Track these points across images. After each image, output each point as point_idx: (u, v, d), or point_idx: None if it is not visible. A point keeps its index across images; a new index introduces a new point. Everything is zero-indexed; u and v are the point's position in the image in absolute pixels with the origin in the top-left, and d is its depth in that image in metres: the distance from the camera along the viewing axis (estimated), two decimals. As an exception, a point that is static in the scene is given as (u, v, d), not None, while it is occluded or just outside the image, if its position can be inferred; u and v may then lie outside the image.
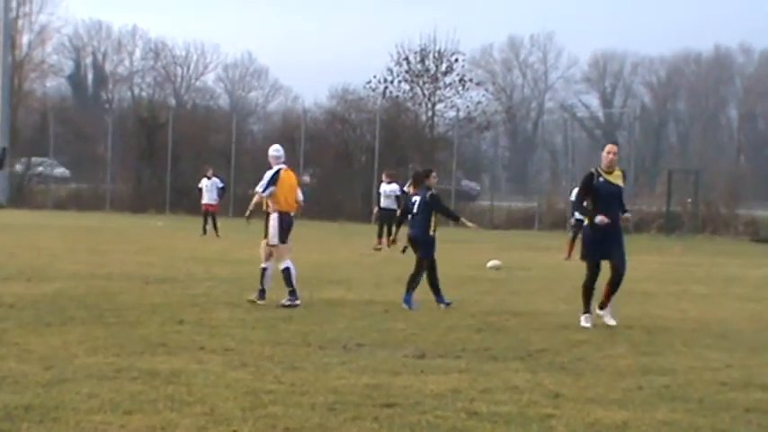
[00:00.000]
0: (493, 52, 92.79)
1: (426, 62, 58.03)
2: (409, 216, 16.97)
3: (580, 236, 15.81)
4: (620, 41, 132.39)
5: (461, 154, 53.67)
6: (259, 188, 16.55)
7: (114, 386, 9.35)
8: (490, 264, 24.67)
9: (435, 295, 16.71)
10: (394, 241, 18.01)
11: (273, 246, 16.38)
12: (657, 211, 49.10)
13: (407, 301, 16.28)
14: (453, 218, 17.59)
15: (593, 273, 14.71)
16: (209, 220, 35.52)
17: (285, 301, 15.92)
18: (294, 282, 16.07)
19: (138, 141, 59.22)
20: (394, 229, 18.16)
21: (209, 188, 36.59)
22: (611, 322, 14.64)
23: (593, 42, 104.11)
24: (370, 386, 9.70)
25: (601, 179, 14.56)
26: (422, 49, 57.95)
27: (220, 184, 37.20)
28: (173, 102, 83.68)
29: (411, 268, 16.70)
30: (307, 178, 36.70)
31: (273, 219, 16.35)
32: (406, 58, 57.94)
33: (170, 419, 8.25)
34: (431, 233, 16.72)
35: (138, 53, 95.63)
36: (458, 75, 58.08)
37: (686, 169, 54.11)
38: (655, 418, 8.79)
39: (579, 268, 25.76)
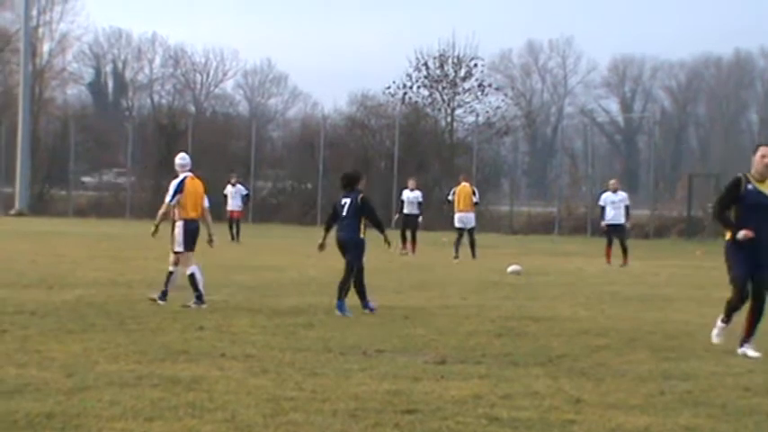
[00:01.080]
0: (512, 57, 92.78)
1: (445, 67, 58.08)
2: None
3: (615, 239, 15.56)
4: (640, 46, 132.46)
5: (481, 159, 53.67)
6: (167, 198, 16.88)
7: (136, 393, 9.37)
8: (510, 269, 24.64)
9: (361, 300, 16.28)
10: (322, 246, 16.84)
11: (178, 253, 16.71)
12: (678, 216, 49.03)
13: (340, 307, 15.80)
14: (379, 228, 16.51)
15: (740, 296, 12.67)
16: (234, 226, 35.90)
17: (192, 304, 16.22)
18: (200, 286, 16.38)
19: (157, 148, 59.36)
20: (323, 233, 16.91)
21: (233, 195, 37.08)
22: (754, 354, 12.51)
23: (613, 47, 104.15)
24: (390, 392, 9.69)
25: (750, 186, 12.42)
26: (441, 55, 58.02)
27: (245, 192, 37.64)
28: (192, 109, 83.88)
29: (430, 275, 16.68)
30: (233, 181, 37.25)
31: (178, 227, 16.74)
32: (425, 64, 58.00)
33: (191, 426, 8.26)
34: (361, 236, 16.33)
35: (157, 60, 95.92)
36: (477, 80, 58.16)
37: (707, 173, 53.99)
38: (677, 424, 8.75)
39: (600, 274, 25.74)
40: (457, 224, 30.68)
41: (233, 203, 36.97)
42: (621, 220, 29.08)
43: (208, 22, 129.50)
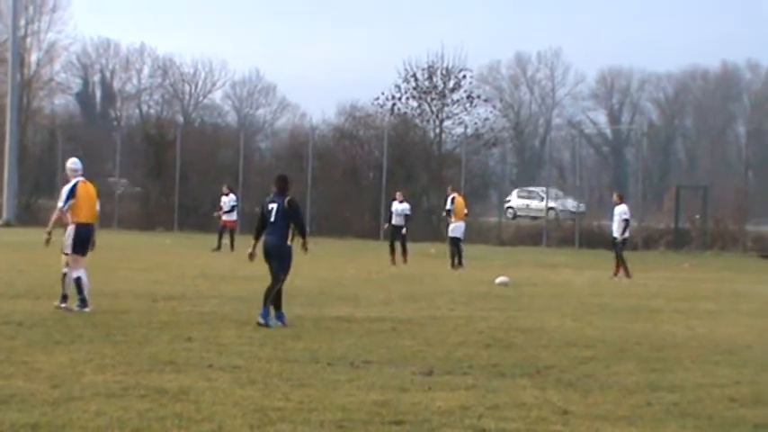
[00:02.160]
0: (500, 69, 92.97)
1: (434, 79, 58.11)
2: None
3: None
4: (628, 58, 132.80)
5: (469, 170, 53.68)
6: (60, 203, 17.02)
7: (122, 404, 9.35)
8: (498, 280, 24.65)
9: (264, 307, 15.62)
10: (252, 255, 16.35)
11: (67, 254, 16.92)
12: (666, 228, 49.06)
13: (265, 315, 15.48)
14: (302, 232, 16.03)
15: None
16: (227, 235, 36.42)
17: (75, 307, 16.42)
18: (85, 291, 16.59)
19: (146, 159, 59.37)
20: (252, 240, 16.39)
21: (227, 204, 37.58)
22: None
23: (601, 59, 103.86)
24: (378, 403, 9.69)
25: None
26: (429, 66, 58.05)
27: (233, 203, 37.94)
28: (181, 119, 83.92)
29: (418, 286, 16.68)
30: (226, 191, 37.92)
31: (70, 230, 16.93)
32: (414, 75, 58.03)
33: (178, 437, 8.25)
34: (288, 243, 15.93)
35: (145, 71, 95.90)
36: (465, 91, 58.18)
37: (694, 185, 54.06)
38: (663, 435, 8.76)
39: (587, 285, 25.76)
40: (457, 234, 30.76)
41: (227, 214, 37.48)
42: (615, 233, 29.18)
43: (196, 33, 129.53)
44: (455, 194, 31.66)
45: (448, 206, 31.69)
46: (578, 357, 13.04)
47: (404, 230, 32.64)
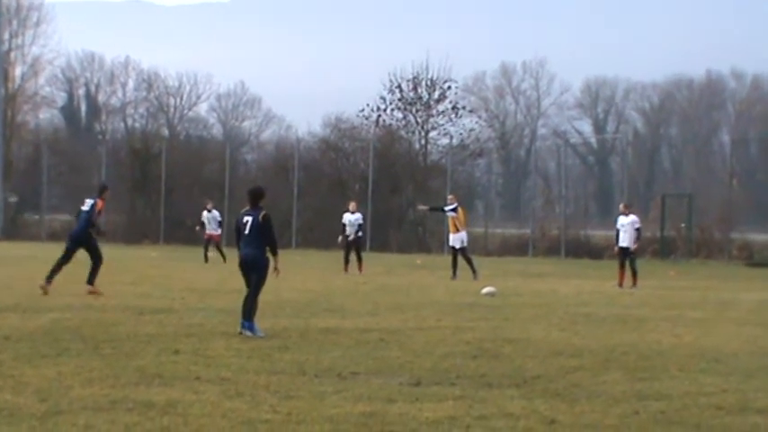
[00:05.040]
0: (485, 79, 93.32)
1: (419, 90, 58.24)
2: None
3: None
4: (613, 67, 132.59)
5: (455, 181, 53.72)
6: None
7: (110, 417, 9.34)
8: (485, 290, 24.67)
9: (244, 319, 15.68)
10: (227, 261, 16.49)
11: None
12: (651, 236, 49.10)
13: (250, 327, 15.50)
14: (273, 251, 16.01)
15: None
16: (214, 248, 36.94)
17: None
18: None
19: (131, 172, 59.28)
20: (239, 252, 16.20)
21: (209, 220, 38.32)
22: None
23: (586, 69, 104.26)
24: (365, 414, 9.70)
25: None
26: (414, 77, 58.19)
27: (219, 218, 38.59)
28: (166, 132, 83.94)
29: (405, 297, 16.68)
30: (209, 207, 38.77)
31: None
32: (399, 86, 58.14)
33: (166, 450, 8.25)
34: (265, 255, 15.87)
35: (130, 84, 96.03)
36: (450, 102, 58.32)
37: (680, 194, 54.20)
38: (651, 444, 8.79)
39: (572, 295, 25.78)
40: (460, 244, 30.87)
41: (210, 228, 38.29)
42: (628, 243, 29.17)
43: (181, 46, 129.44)
44: (457, 204, 31.79)
45: (448, 208, 31.80)
46: (565, 367, 13.06)
47: (359, 239, 33.31)
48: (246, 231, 15.90)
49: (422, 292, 25.16)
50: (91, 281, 22.58)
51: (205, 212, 38.65)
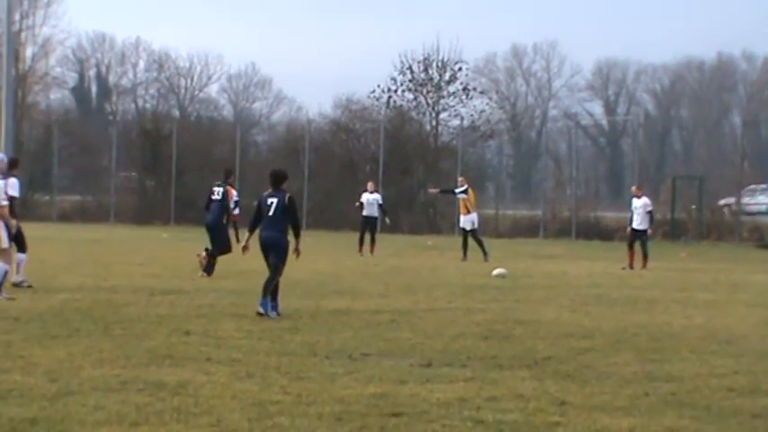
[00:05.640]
0: (496, 61, 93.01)
1: (430, 71, 58.11)
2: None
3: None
4: (624, 49, 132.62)
5: (466, 163, 53.64)
6: (4, 201, 17.39)
7: (120, 398, 9.35)
8: (496, 272, 24.66)
9: (263, 298, 15.69)
10: (246, 248, 16.43)
11: (4, 249, 17.24)
12: (662, 218, 48.98)
13: (264, 305, 15.55)
14: (297, 232, 16.16)
15: None
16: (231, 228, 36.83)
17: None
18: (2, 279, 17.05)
19: (142, 153, 59.29)
20: (247, 234, 16.37)
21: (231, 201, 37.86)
22: None
23: (597, 50, 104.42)
24: (376, 396, 9.70)
25: None
26: (425, 59, 58.04)
27: (236, 197, 38.08)
28: (176, 113, 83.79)
29: (416, 278, 16.67)
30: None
31: (1, 226, 17.34)
32: (410, 68, 58.01)
33: (177, 431, 8.26)
34: (287, 237, 15.94)
35: (141, 65, 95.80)
36: (461, 84, 58.19)
37: (690, 176, 54.07)
38: (661, 425, 8.78)
39: (583, 276, 25.77)
40: (471, 225, 30.88)
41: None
42: (641, 225, 29.21)
43: (192, 26, 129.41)
44: (467, 186, 31.79)
45: (458, 190, 31.81)
46: (576, 348, 13.06)
47: (377, 221, 33.22)
48: (271, 213, 15.95)
49: (433, 274, 25.17)
50: (209, 270, 22.72)
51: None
